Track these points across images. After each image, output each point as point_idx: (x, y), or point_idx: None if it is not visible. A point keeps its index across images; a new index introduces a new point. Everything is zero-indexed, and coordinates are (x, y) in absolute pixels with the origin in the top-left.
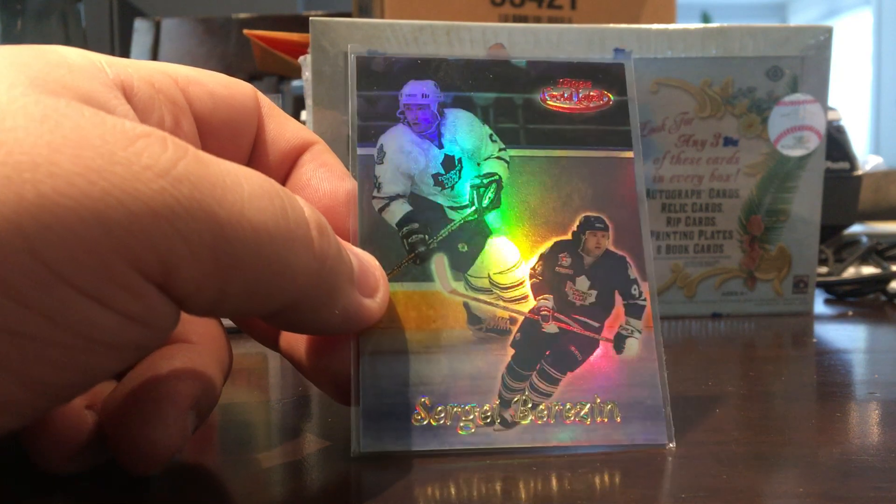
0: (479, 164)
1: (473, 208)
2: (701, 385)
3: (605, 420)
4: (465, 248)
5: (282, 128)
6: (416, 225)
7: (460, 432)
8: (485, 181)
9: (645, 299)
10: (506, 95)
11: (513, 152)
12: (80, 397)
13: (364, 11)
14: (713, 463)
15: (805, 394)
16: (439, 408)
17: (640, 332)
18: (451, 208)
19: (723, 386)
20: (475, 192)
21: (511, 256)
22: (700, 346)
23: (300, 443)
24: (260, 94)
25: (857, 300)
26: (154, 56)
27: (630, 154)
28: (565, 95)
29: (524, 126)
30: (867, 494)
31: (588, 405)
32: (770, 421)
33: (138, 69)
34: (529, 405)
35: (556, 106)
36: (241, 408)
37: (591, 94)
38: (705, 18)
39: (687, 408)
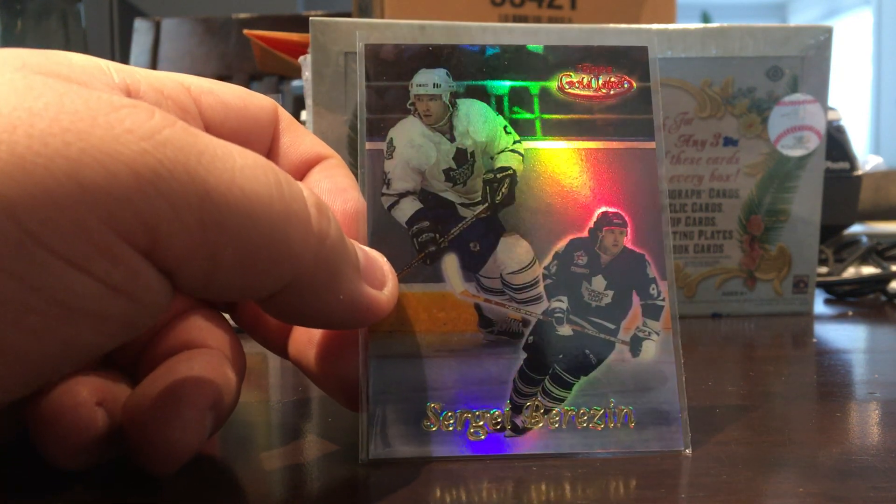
0: (492, 158)
1: (486, 205)
2: (701, 385)
3: (619, 425)
4: (477, 247)
5: (297, 141)
6: (426, 223)
7: (470, 438)
8: (498, 176)
9: (664, 299)
10: (521, 83)
11: (528, 144)
12: (91, 394)
13: (364, 11)
14: (713, 463)
15: (805, 394)
16: (449, 413)
17: (657, 333)
18: (463, 205)
19: (723, 386)
20: (488, 187)
21: (524, 255)
22: (700, 346)
23: (301, 444)
24: (281, 109)
25: (857, 300)
26: (154, 56)
27: (651, 145)
28: (584, 82)
29: (540, 116)
30: (867, 494)
31: (602, 410)
32: (770, 421)
33: (148, 76)
34: (541, 410)
35: (574, 93)
36: (242, 408)
37: (612, 79)
38: (705, 18)
39: (687, 408)
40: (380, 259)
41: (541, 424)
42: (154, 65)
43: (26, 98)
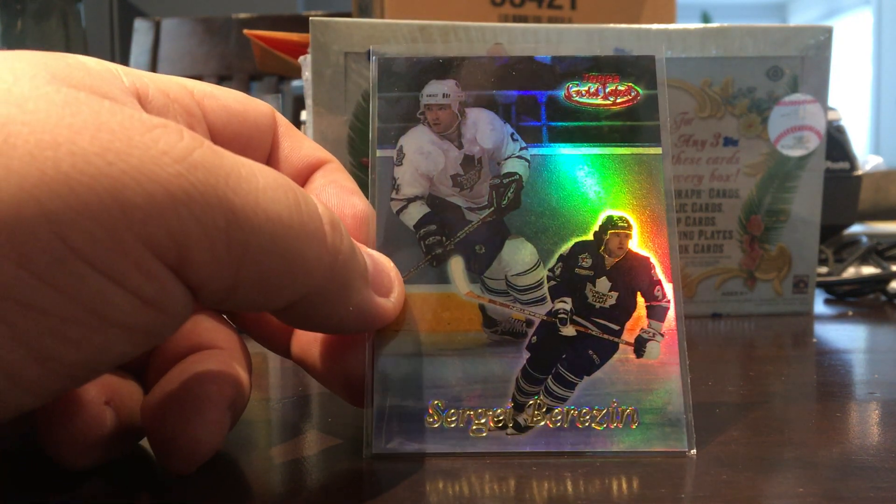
0: (499, 164)
1: (492, 209)
2: (701, 385)
3: (622, 426)
4: (483, 250)
5: (297, 146)
6: (433, 227)
7: (472, 435)
8: (504, 181)
9: (668, 301)
10: (529, 93)
11: (534, 151)
12: (99, 393)
13: (364, 11)
14: (713, 463)
15: (805, 394)
16: (452, 410)
17: (661, 335)
18: (470, 209)
19: (723, 386)
20: (494, 192)
21: (529, 258)
22: (700, 346)
23: (304, 441)
24: (278, 114)
25: (857, 300)
26: (154, 56)
27: (658, 150)
28: (591, 91)
29: (546, 124)
30: (867, 494)
31: (604, 410)
32: (770, 421)
33: (154, 79)
34: (544, 409)
35: (580, 102)
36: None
37: (619, 88)
38: (705, 18)
39: (692, 409)
40: (387, 265)
41: (543, 423)
42: (154, 65)
43: (65, 114)
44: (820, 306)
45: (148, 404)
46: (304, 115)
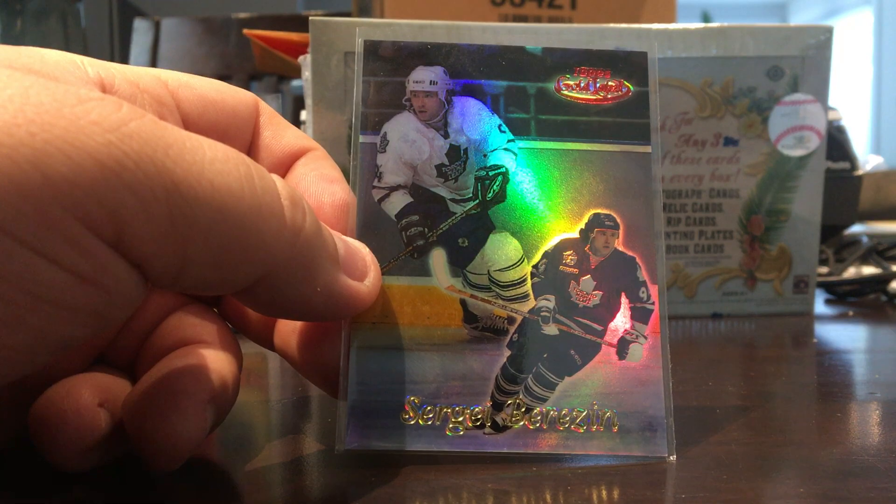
0: (485, 156)
1: (477, 201)
2: (701, 385)
3: (602, 429)
4: (466, 243)
5: (279, 135)
6: (415, 217)
7: (449, 434)
8: (490, 173)
9: (653, 303)
10: (518, 84)
11: (522, 144)
12: (92, 395)
13: (364, 11)
14: (713, 463)
15: (805, 394)
16: (428, 407)
17: (645, 337)
18: (454, 201)
19: (723, 386)
20: (479, 184)
21: (513, 253)
22: (700, 346)
23: (298, 443)
24: (262, 102)
25: (857, 300)
26: (154, 56)
27: (647, 149)
28: (581, 85)
29: (535, 116)
30: (867, 494)
31: (584, 412)
32: (770, 421)
33: (124, 71)
34: (523, 409)
35: (571, 96)
36: (240, 407)
37: (610, 84)
38: (705, 18)
39: (687, 408)
40: (362, 250)
41: (521, 423)
42: (154, 65)
43: None
44: (820, 306)
45: (127, 402)
46: (304, 115)
